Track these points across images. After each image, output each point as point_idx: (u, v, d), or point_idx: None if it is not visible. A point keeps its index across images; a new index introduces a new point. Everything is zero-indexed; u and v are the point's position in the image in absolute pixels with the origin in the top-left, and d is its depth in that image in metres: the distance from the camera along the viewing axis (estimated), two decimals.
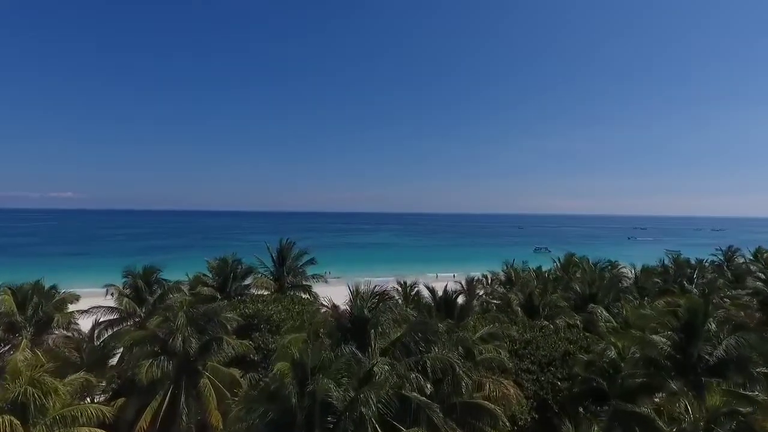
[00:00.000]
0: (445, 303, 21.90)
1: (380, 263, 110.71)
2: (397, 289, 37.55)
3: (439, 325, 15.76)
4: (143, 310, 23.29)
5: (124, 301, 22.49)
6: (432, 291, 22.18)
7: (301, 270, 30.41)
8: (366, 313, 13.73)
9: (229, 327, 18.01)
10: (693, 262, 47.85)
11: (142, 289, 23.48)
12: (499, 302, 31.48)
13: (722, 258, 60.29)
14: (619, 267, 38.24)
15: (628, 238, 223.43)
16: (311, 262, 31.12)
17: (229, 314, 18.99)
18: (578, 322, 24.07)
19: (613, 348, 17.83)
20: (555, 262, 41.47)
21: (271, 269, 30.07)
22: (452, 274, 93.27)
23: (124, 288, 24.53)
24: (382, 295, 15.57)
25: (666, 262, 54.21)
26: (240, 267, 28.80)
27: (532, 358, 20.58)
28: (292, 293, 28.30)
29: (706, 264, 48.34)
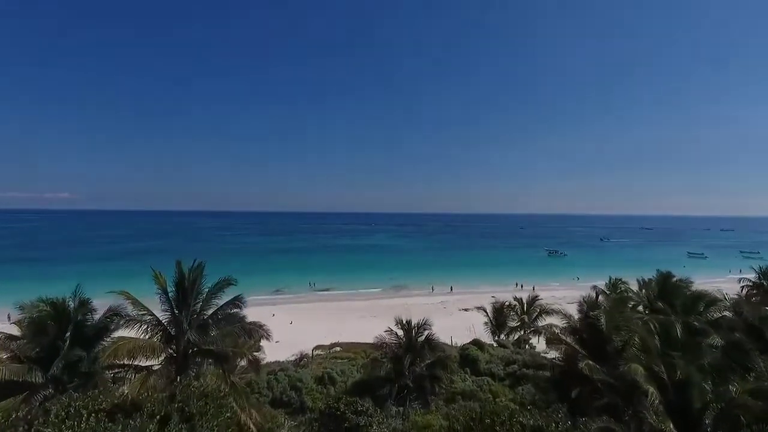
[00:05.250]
0: None
1: (374, 270, 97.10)
2: (396, 334, 23.89)
3: None
4: None
5: None
6: None
7: (216, 319, 16.11)
8: None
9: None
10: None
11: None
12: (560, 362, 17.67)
13: None
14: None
15: (601, 240, 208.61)
16: (236, 303, 16.49)
17: None
18: None
19: None
20: (640, 285, 27.48)
21: (160, 318, 15.96)
22: (449, 287, 78.65)
23: None
24: None
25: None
26: (89, 314, 14.75)
27: None
28: (193, 373, 14.34)
29: None
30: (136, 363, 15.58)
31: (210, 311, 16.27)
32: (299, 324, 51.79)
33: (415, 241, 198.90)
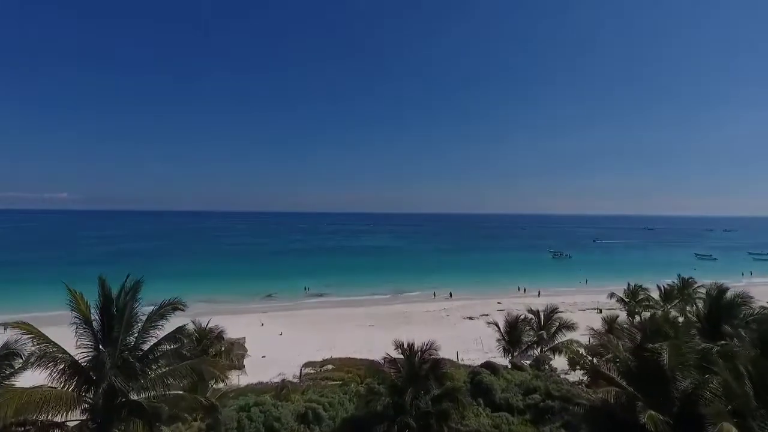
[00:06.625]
0: None
1: (372, 273, 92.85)
2: (396, 360, 19.76)
3: None
4: None
5: None
6: None
7: (154, 356, 11.92)
8: None
9: None
10: None
11: None
12: None
13: None
14: None
15: (594, 241, 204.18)
16: (176, 338, 12.38)
17: None
18: None
19: None
20: (661, 292, 23.21)
21: (77, 357, 11.80)
22: (449, 292, 74.33)
23: None
24: None
25: None
26: None
27: None
28: None
29: None
30: (42, 418, 11.52)
31: (146, 346, 12.15)
32: (290, 334, 47.64)
33: (414, 242, 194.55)
